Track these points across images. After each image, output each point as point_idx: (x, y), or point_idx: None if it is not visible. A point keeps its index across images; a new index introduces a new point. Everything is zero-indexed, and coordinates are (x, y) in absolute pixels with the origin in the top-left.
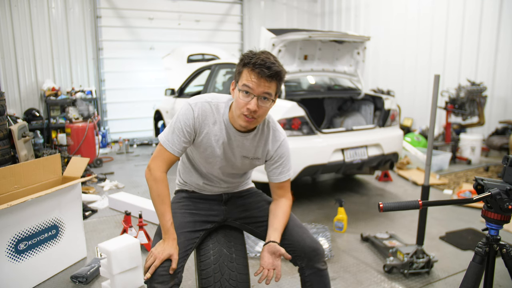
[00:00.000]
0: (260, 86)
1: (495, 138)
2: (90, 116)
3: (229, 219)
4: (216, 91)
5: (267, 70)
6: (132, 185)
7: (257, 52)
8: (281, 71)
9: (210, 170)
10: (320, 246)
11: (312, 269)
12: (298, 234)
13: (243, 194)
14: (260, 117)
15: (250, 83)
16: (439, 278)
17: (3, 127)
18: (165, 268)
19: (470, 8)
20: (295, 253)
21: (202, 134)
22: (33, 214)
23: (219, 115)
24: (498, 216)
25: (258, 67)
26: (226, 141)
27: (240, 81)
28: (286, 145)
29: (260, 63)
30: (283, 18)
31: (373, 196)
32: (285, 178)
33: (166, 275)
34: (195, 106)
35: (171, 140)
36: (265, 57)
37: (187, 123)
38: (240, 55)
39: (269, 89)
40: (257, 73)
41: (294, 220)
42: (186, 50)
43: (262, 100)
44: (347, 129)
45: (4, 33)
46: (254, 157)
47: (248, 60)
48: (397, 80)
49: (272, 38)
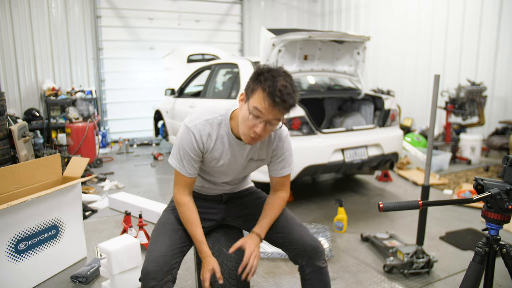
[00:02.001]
0: (271, 113)
1: (495, 138)
2: (90, 116)
3: (228, 217)
4: (216, 91)
5: (282, 103)
6: (132, 185)
7: (275, 73)
8: (294, 104)
9: (215, 177)
10: (320, 244)
11: (312, 267)
12: (298, 233)
13: (243, 193)
14: (265, 137)
15: (262, 109)
16: (439, 278)
17: (3, 127)
18: (158, 263)
19: (470, 8)
20: (296, 251)
21: (207, 151)
22: (33, 214)
23: (220, 128)
24: (498, 216)
25: (274, 97)
26: (230, 151)
27: (252, 101)
28: (288, 140)
29: (278, 94)
30: (283, 18)
31: (373, 196)
32: (286, 172)
33: (160, 271)
34: (195, 129)
35: (183, 165)
36: (283, 86)
37: (191, 147)
38: (257, 68)
39: (280, 116)
40: (271, 101)
41: (294, 219)
42: (186, 50)
43: (270, 124)
44: (347, 129)
45: (4, 33)
46: (259, 158)
47: (265, 85)
48: (397, 80)
49: (272, 38)
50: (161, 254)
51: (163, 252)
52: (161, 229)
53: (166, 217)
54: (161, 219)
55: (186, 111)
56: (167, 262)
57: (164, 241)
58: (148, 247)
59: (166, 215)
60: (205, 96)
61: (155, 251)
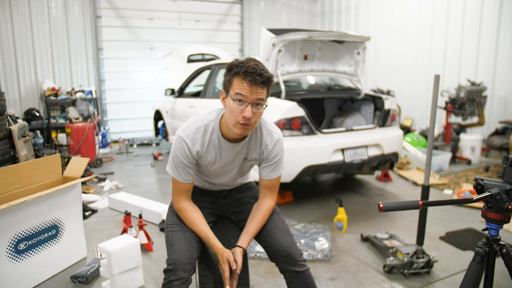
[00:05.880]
0: (253, 93)
1: (495, 138)
2: (90, 116)
3: (226, 212)
4: (216, 91)
5: (259, 77)
6: (132, 185)
7: (243, 60)
8: (271, 76)
9: (213, 179)
10: (295, 250)
11: (289, 271)
12: (276, 237)
13: (242, 187)
14: (256, 122)
15: (243, 91)
16: (439, 278)
17: (3, 127)
18: (187, 256)
19: (470, 8)
20: (274, 256)
21: (201, 157)
22: (33, 214)
23: (212, 133)
24: (498, 216)
25: (250, 75)
26: (223, 154)
27: (232, 90)
28: (281, 144)
29: (251, 70)
30: (283, 18)
31: (373, 196)
32: (276, 175)
33: (189, 264)
34: (187, 138)
35: (179, 173)
36: (254, 65)
37: (184, 155)
38: (227, 65)
39: (262, 95)
40: (249, 81)
41: (277, 222)
42: (186, 50)
43: (256, 107)
44: (347, 129)
45: (4, 33)
46: (252, 158)
47: (238, 69)
48: (397, 80)
49: (272, 38)
50: (187, 246)
51: (188, 245)
52: (178, 224)
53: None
54: (174, 214)
55: (186, 111)
56: (194, 255)
57: (185, 235)
58: (171, 240)
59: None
60: (205, 96)
61: (181, 244)
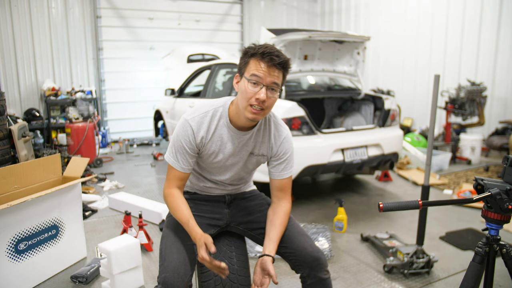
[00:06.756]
0: (270, 75)
1: (495, 138)
2: (90, 116)
3: (232, 223)
4: (216, 91)
5: (277, 58)
6: (132, 185)
7: (260, 45)
8: (288, 59)
9: (215, 174)
10: (322, 255)
11: (314, 278)
12: (300, 243)
13: (246, 196)
14: (268, 108)
15: (260, 72)
16: (439, 278)
17: (3, 127)
18: (179, 274)
19: (470, 8)
20: (297, 262)
21: (204, 145)
22: (33, 214)
23: (220, 120)
24: (498, 216)
25: (268, 56)
26: (230, 144)
27: (247, 72)
28: (289, 140)
29: (269, 51)
30: (283, 18)
31: (373, 196)
32: (287, 175)
33: (181, 282)
34: (192, 121)
35: (177, 159)
36: (271, 48)
37: (187, 140)
38: (243, 49)
39: (278, 79)
40: (266, 62)
41: (296, 227)
42: (186, 50)
43: (271, 91)
44: (347, 129)
45: (4, 33)
46: (259, 153)
47: (255, 51)
48: (397, 80)
49: (272, 38)
50: (180, 263)
51: (181, 261)
52: (173, 235)
53: (175, 222)
54: (170, 225)
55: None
56: (187, 272)
57: (179, 249)
58: (163, 255)
59: (174, 220)
60: (205, 96)
61: (173, 260)
